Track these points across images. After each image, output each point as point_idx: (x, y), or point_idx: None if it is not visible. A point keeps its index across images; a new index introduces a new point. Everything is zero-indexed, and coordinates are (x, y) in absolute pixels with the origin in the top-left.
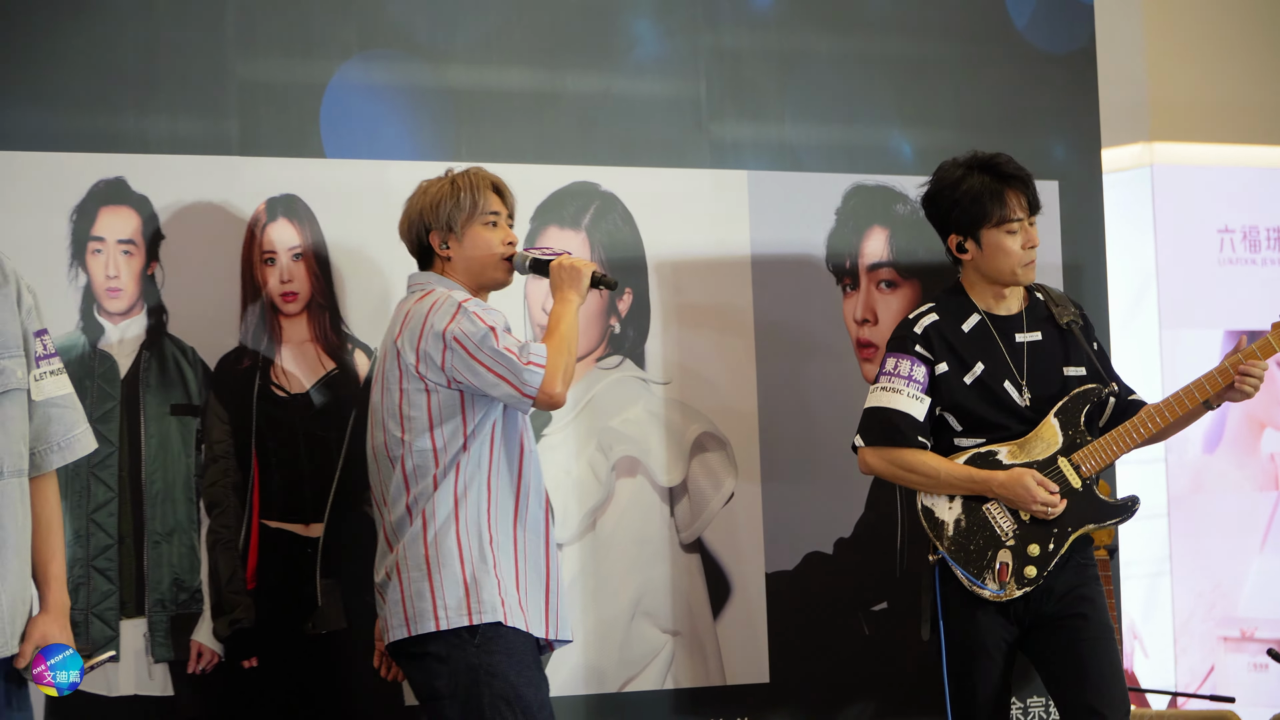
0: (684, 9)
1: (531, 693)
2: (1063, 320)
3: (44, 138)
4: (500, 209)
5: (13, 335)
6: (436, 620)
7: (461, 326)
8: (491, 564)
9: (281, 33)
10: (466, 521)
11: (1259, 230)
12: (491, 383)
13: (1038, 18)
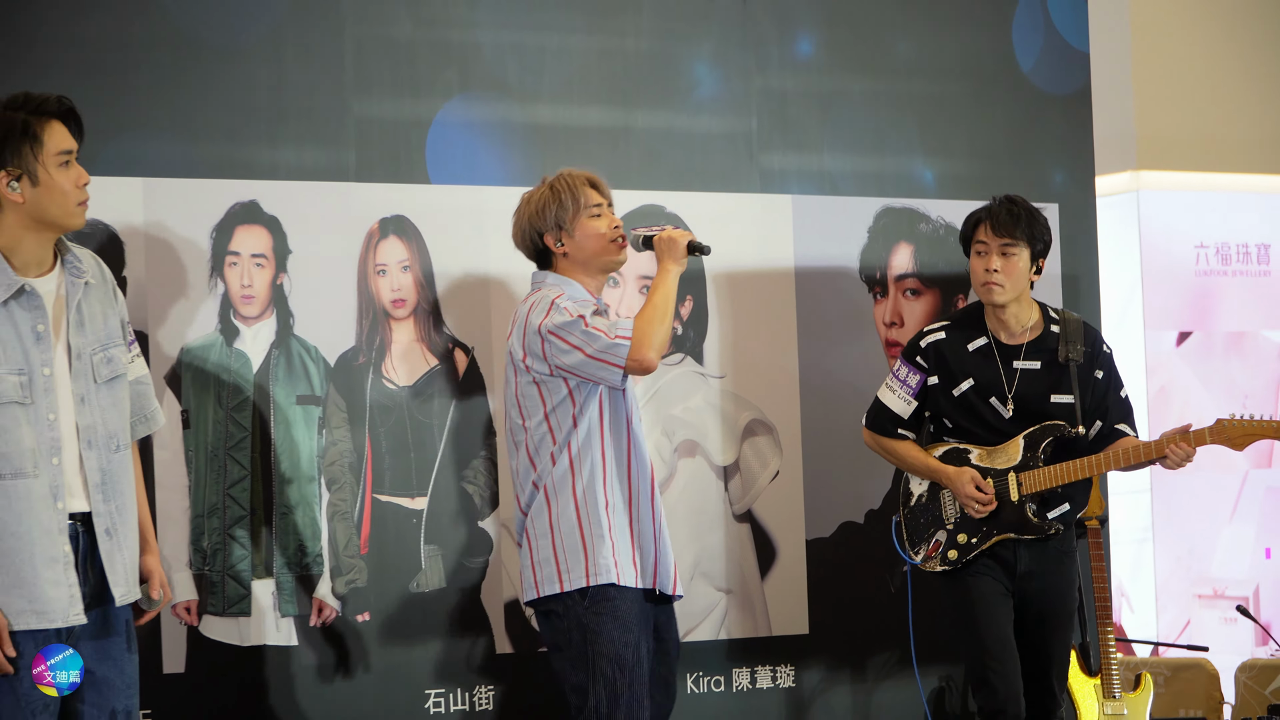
0: (737, 56)
1: (629, 652)
2: (1061, 357)
3: (189, 166)
4: (600, 200)
5: (115, 328)
6: (560, 583)
7: (554, 319)
8: (606, 528)
9: (393, 76)
10: (583, 492)
11: (1230, 246)
12: (583, 362)
13: (1041, 63)
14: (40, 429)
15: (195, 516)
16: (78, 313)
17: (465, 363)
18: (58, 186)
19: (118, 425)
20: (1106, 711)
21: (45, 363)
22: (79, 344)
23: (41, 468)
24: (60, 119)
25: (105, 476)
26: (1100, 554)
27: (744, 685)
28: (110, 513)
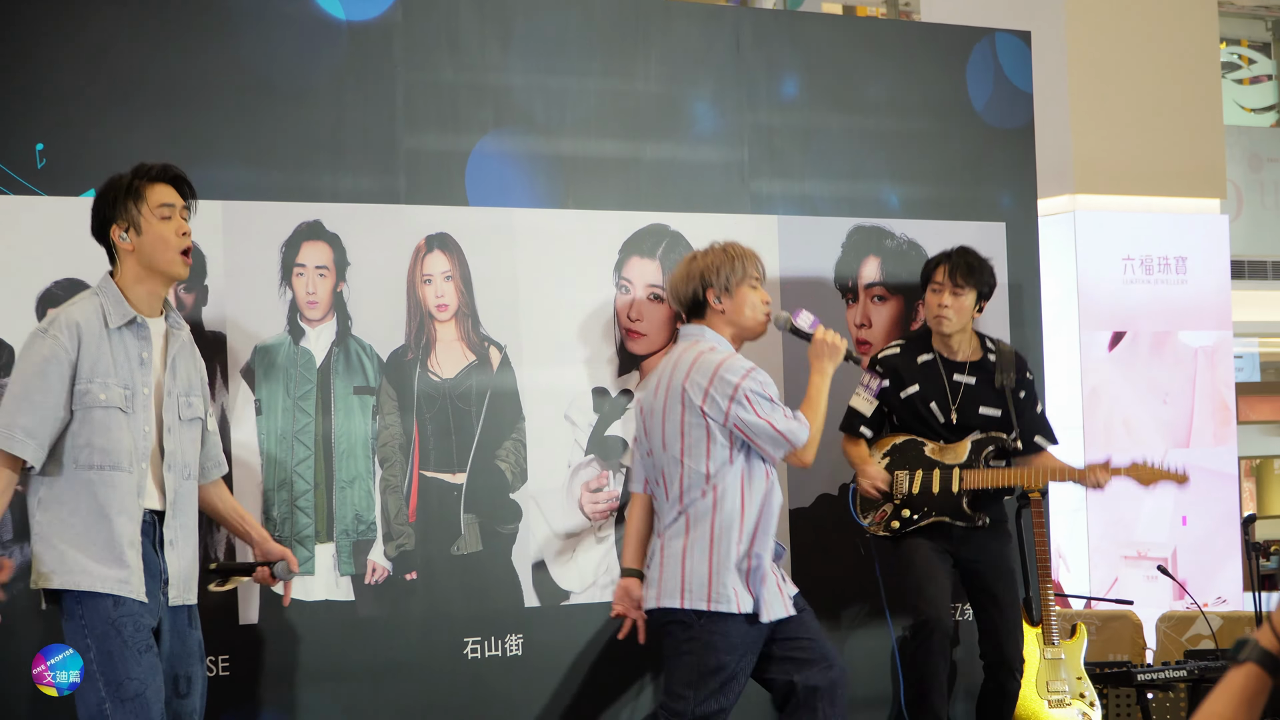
0: (732, 96)
1: (729, 671)
2: (997, 384)
3: (260, 190)
4: (759, 275)
5: (196, 382)
6: (682, 600)
7: (751, 386)
8: (733, 561)
9: (437, 113)
10: (721, 526)
11: (1152, 258)
12: (768, 436)
13: (991, 103)
14: (137, 437)
15: (266, 490)
16: (172, 356)
17: (499, 359)
18: (159, 235)
19: (192, 457)
20: (1046, 656)
21: (145, 384)
22: (169, 384)
23: (134, 467)
24: (164, 181)
25: (177, 496)
26: (1041, 521)
27: None
28: (176, 527)
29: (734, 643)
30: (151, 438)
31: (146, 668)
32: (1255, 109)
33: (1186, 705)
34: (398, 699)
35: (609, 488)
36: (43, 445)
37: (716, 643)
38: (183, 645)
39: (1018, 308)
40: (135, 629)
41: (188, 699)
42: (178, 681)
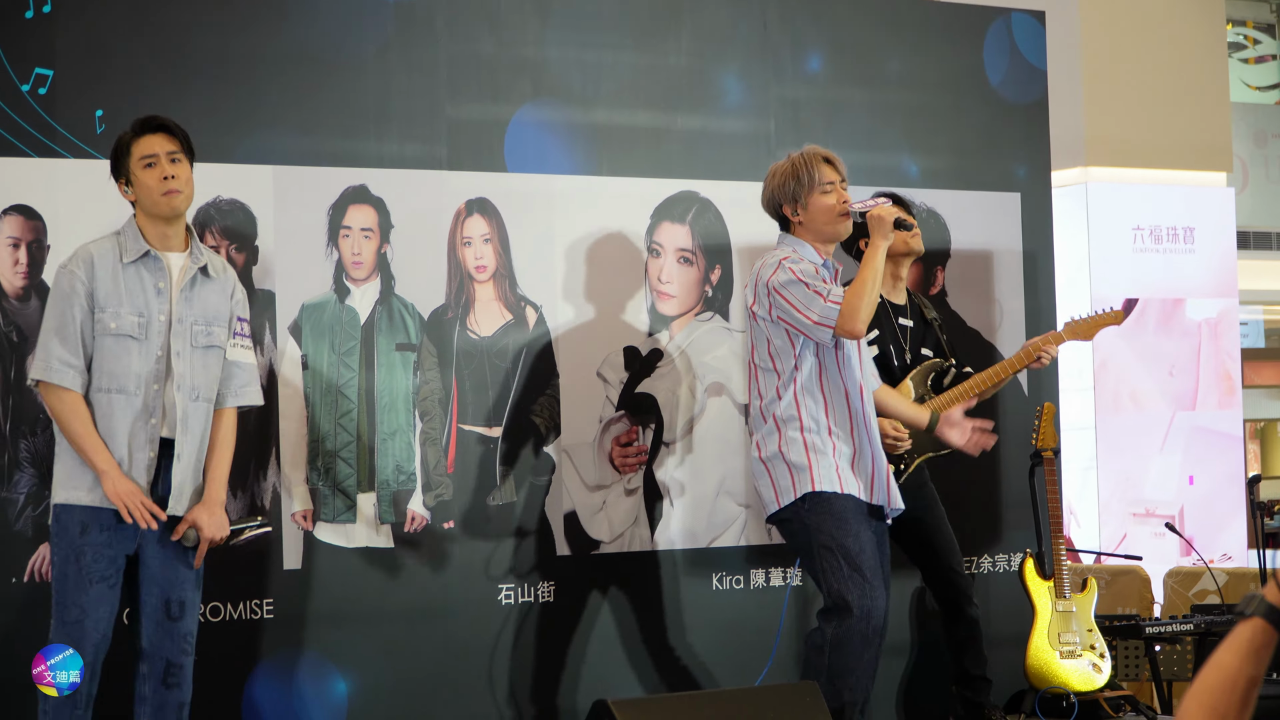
0: (759, 70)
1: (850, 541)
2: (928, 316)
3: (310, 156)
4: (834, 177)
5: (222, 313)
6: (793, 491)
7: (779, 277)
8: (830, 450)
9: (478, 84)
10: (806, 419)
11: (1161, 228)
12: (797, 319)
13: (1006, 78)
14: (148, 361)
15: (311, 441)
16: (189, 289)
17: (534, 318)
18: (144, 184)
19: (203, 383)
20: (1058, 608)
21: (162, 312)
22: (182, 312)
23: (141, 390)
24: (148, 133)
25: (185, 416)
26: (1054, 480)
27: (760, 584)
28: (184, 443)
29: (843, 516)
30: (164, 362)
31: (93, 599)
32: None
33: (1193, 658)
34: (434, 643)
35: (638, 442)
36: (81, 371)
37: (822, 520)
38: (173, 572)
39: (1032, 276)
40: (95, 559)
41: (180, 621)
42: (169, 606)
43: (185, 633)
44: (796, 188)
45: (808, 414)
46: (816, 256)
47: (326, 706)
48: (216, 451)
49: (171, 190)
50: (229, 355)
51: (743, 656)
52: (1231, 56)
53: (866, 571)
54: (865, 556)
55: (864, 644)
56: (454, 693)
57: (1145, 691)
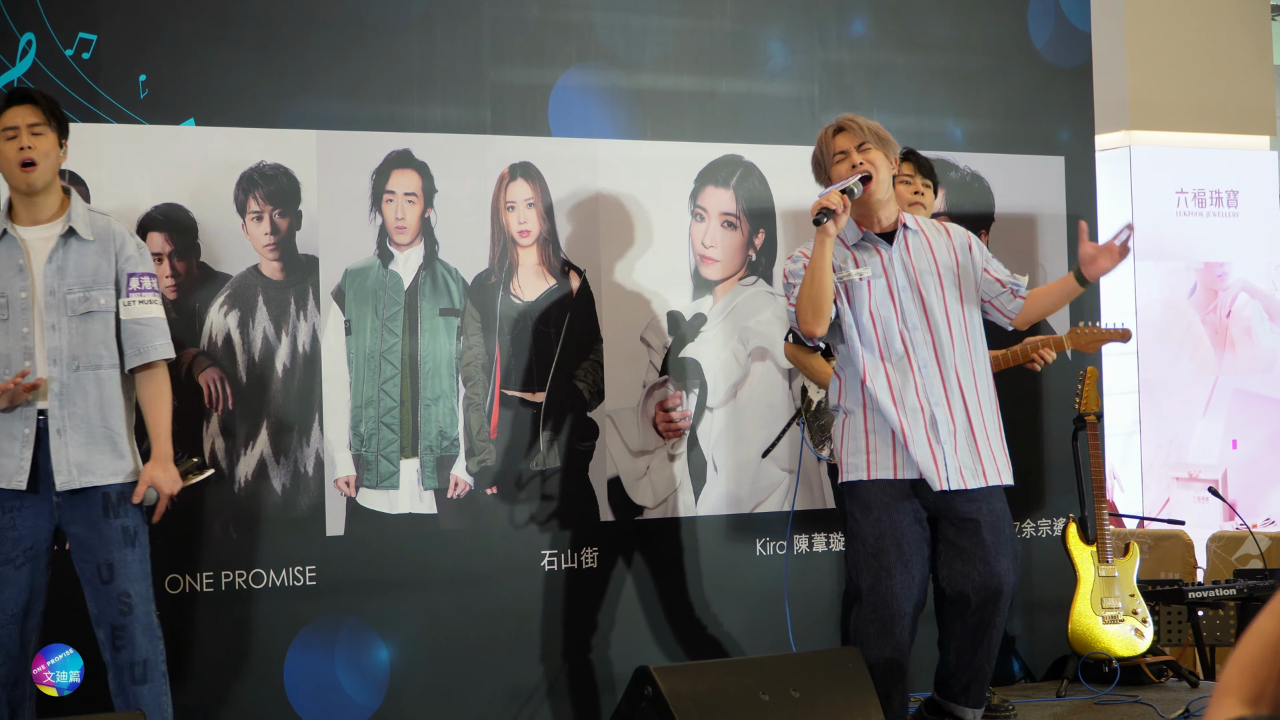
0: (803, 34)
1: (869, 528)
2: None
3: (354, 121)
4: (846, 145)
5: (105, 276)
6: (839, 477)
7: (788, 266)
8: (862, 432)
9: (522, 48)
10: (845, 405)
11: (1205, 192)
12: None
13: (1051, 41)
14: (14, 340)
15: (355, 407)
16: (61, 258)
17: (578, 283)
18: (3, 155)
19: (83, 351)
20: (1101, 574)
21: (24, 289)
22: (53, 284)
23: (12, 370)
24: (12, 104)
25: (63, 389)
26: (1097, 444)
27: (803, 548)
28: (64, 418)
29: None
30: (33, 339)
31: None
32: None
33: (1236, 623)
34: (477, 608)
35: (682, 407)
36: None
37: (853, 508)
38: (96, 534)
39: (1075, 239)
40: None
41: (111, 584)
42: (99, 569)
43: (119, 593)
44: (818, 167)
45: (846, 396)
46: (853, 232)
47: (369, 672)
48: (153, 409)
49: (26, 161)
50: (125, 315)
51: (786, 623)
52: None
53: (886, 558)
54: (886, 542)
55: (882, 632)
56: (496, 658)
57: (1188, 657)
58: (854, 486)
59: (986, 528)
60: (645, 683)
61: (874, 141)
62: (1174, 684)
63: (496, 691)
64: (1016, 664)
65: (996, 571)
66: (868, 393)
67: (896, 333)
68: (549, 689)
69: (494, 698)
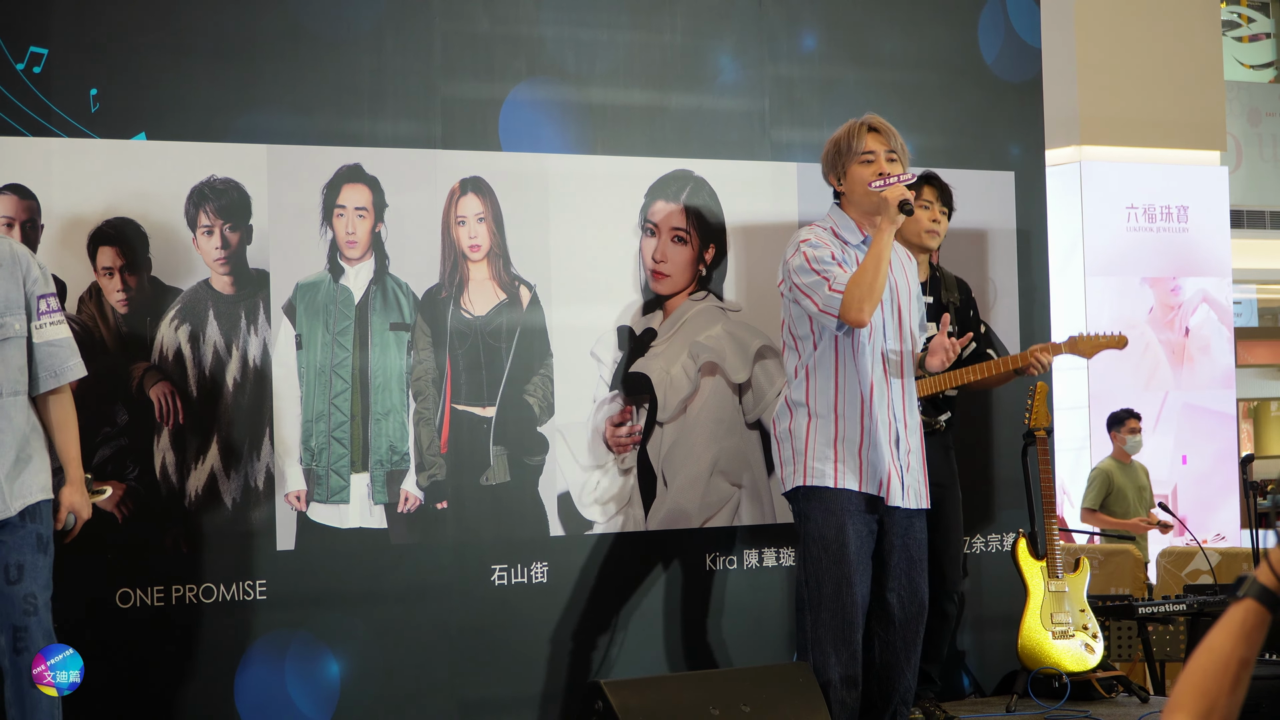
0: (754, 49)
1: (833, 534)
2: (945, 299)
3: (305, 135)
4: (875, 147)
5: (16, 300)
6: (792, 479)
7: (794, 261)
8: (832, 439)
9: (473, 62)
10: (814, 408)
11: (1155, 207)
12: (806, 305)
13: (1002, 56)
14: None
15: (305, 421)
16: None
17: (528, 297)
18: None
19: (5, 377)
20: (1051, 589)
21: None
22: None
23: None
24: None
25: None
26: (1047, 459)
27: (753, 564)
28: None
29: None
30: None
31: None
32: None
33: (1186, 638)
34: (427, 623)
35: (632, 422)
36: None
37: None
38: (11, 535)
39: (1025, 254)
40: None
41: (18, 585)
42: (7, 570)
43: (25, 594)
44: (837, 156)
45: (816, 400)
46: (854, 233)
47: (319, 687)
48: (63, 432)
49: None
50: (38, 339)
51: (737, 637)
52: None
53: (848, 567)
54: (849, 551)
55: (841, 640)
56: (446, 673)
57: (1138, 672)
58: (818, 491)
59: (915, 547)
60: (596, 698)
61: (900, 154)
62: (1124, 699)
63: (447, 706)
64: (966, 679)
65: (919, 589)
66: (844, 399)
67: (879, 345)
68: (499, 704)
69: (444, 712)
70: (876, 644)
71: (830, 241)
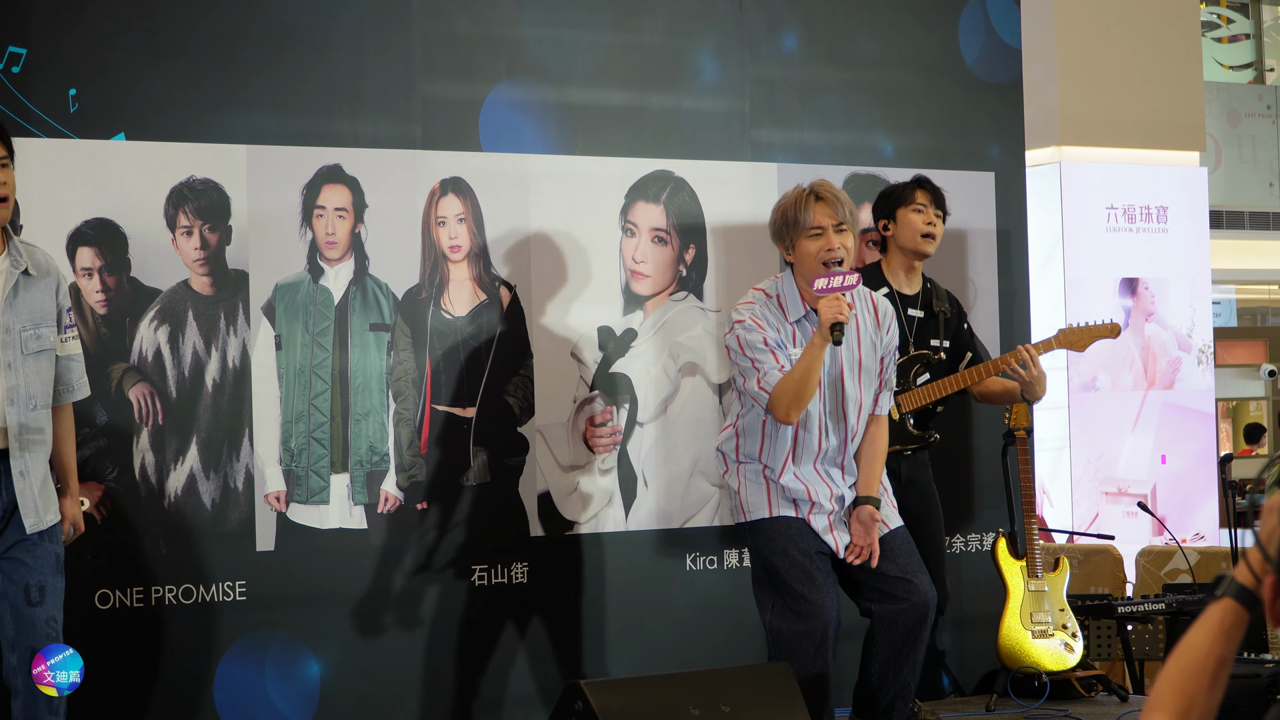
0: (735, 49)
1: (779, 561)
2: (936, 309)
3: (284, 136)
4: (824, 222)
5: (50, 313)
6: (735, 517)
7: (729, 340)
8: (761, 477)
9: (453, 63)
10: (741, 455)
11: (1135, 207)
12: (742, 385)
13: (982, 57)
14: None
15: (285, 422)
16: (12, 294)
17: (509, 298)
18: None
19: (39, 389)
20: (1030, 588)
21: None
22: (8, 320)
23: None
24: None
25: (22, 429)
26: (1026, 459)
27: (733, 564)
28: (25, 459)
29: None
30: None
31: None
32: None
33: (1165, 637)
34: (407, 624)
35: (612, 422)
36: None
37: (761, 544)
38: (31, 556)
39: (1005, 255)
40: None
41: (40, 607)
42: (28, 591)
43: (47, 618)
44: (785, 228)
45: (743, 452)
46: (797, 307)
47: (299, 687)
48: (65, 445)
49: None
50: (61, 352)
51: (717, 637)
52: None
53: (798, 587)
54: (795, 574)
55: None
56: (427, 674)
57: (1117, 671)
58: (758, 524)
59: (901, 556)
60: (576, 698)
61: (850, 223)
62: (1103, 698)
63: (427, 706)
64: (946, 678)
65: (919, 588)
66: (770, 459)
67: (816, 418)
68: (480, 704)
69: (425, 713)
70: (876, 640)
71: (766, 320)
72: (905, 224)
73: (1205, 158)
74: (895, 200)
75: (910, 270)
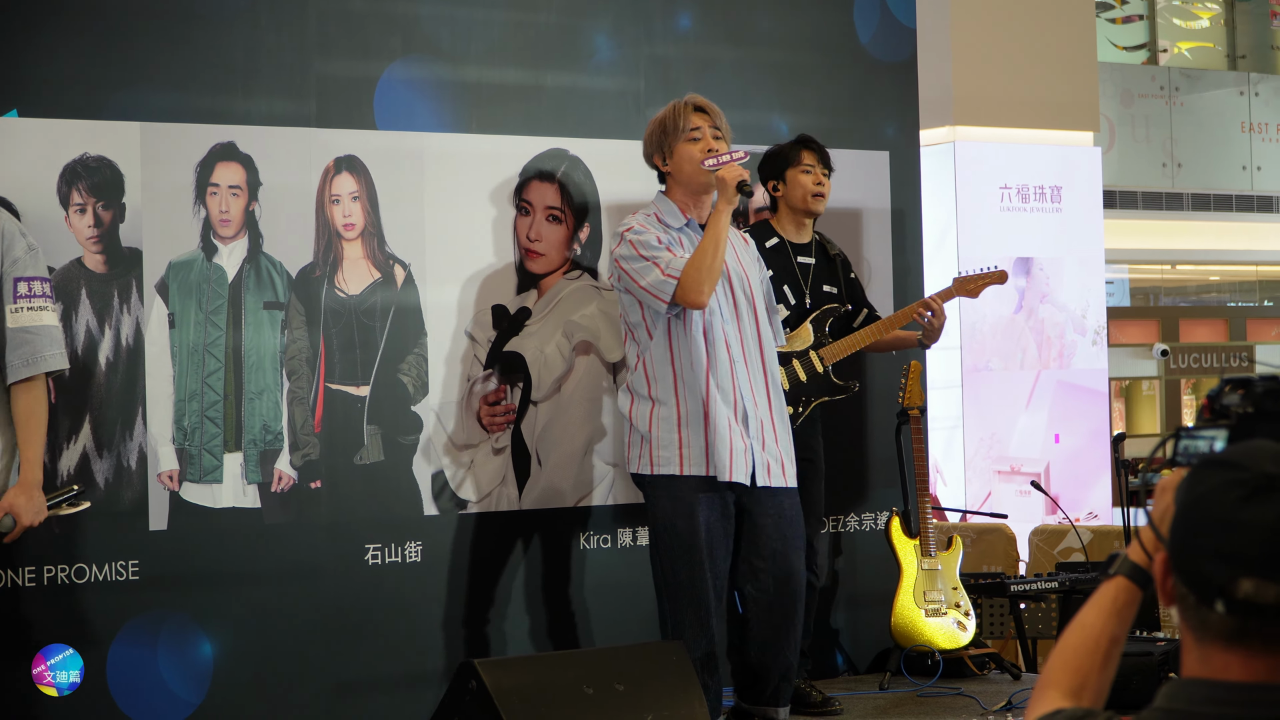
0: (630, 28)
1: (683, 523)
2: (831, 253)
3: (177, 112)
4: (700, 123)
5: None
6: (637, 465)
7: (620, 250)
8: (677, 424)
9: (348, 40)
10: (655, 394)
11: (1028, 187)
12: (636, 290)
13: (876, 37)
14: None
15: (178, 401)
16: None
17: (403, 276)
18: None
19: None
20: (924, 567)
21: None
22: None
23: None
24: None
25: None
26: (920, 437)
27: (626, 542)
28: None
29: (680, 496)
30: None
31: None
32: (1127, 47)
33: (1058, 616)
34: (301, 602)
35: (506, 401)
36: None
37: (661, 500)
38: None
39: (900, 234)
40: None
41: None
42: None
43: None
44: (663, 136)
45: (656, 386)
46: (677, 217)
47: (192, 667)
48: (27, 427)
49: None
50: (12, 323)
51: (611, 616)
52: (1099, 16)
53: (699, 553)
54: (700, 536)
55: (699, 624)
56: (321, 653)
57: (1010, 649)
58: (665, 480)
59: (786, 524)
60: (470, 677)
61: (726, 135)
62: (996, 676)
63: (321, 686)
64: (840, 657)
65: (794, 566)
66: (684, 383)
67: (719, 326)
68: (374, 683)
69: (319, 692)
70: (752, 621)
71: (654, 226)
72: (795, 184)
73: (1099, 138)
74: (782, 161)
75: (800, 226)
